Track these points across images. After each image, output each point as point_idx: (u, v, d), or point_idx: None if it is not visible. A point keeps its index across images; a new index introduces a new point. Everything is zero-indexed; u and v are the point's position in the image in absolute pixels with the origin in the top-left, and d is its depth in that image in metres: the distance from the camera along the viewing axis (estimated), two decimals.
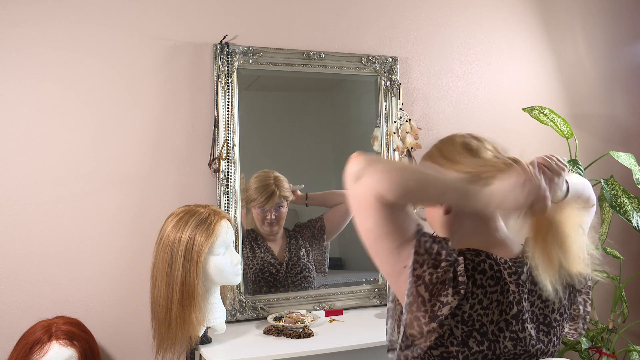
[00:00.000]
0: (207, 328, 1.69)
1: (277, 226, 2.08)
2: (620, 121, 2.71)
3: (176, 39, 1.96)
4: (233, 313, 1.92)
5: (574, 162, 2.20)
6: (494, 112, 2.42)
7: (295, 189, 2.10)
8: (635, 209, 2.18)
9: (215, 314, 1.67)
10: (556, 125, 2.25)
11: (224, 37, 1.98)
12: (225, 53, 1.97)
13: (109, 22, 1.88)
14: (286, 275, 2.07)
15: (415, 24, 2.32)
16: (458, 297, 0.93)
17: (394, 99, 2.20)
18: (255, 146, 2.05)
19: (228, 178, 1.94)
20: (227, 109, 1.96)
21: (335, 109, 2.31)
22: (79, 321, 1.70)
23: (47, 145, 1.80)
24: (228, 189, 1.94)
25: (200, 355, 1.66)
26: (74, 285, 1.81)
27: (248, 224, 2.05)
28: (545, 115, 2.24)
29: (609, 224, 2.29)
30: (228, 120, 1.95)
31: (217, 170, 1.93)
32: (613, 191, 2.21)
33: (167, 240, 1.58)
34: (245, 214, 2.01)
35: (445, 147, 1.12)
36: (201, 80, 1.98)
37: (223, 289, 1.80)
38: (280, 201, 2.05)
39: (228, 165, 1.94)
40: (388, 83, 2.20)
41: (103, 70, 1.87)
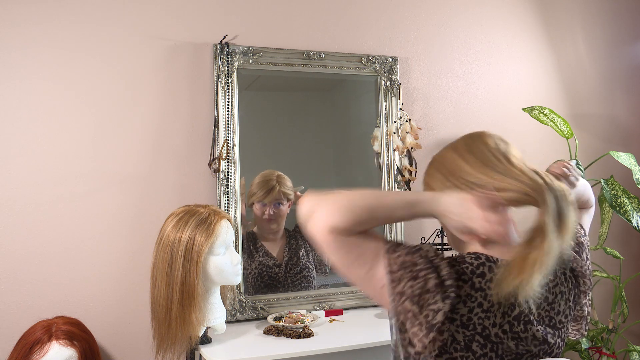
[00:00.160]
0: (207, 328, 1.69)
1: (276, 224, 2.08)
2: (620, 121, 2.71)
3: (176, 39, 1.96)
4: (233, 313, 1.92)
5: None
6: (494, 112, 2.42)
7: (295, 190, 2.10)
8: (635, 209, 2.18)
9: (215, 314, 1.67)
10: (556, 125, 2.25)
11: (224, 37, 1.98)
12: (225, 53, 1.97)
13: (109, 22, 1.88)
14: (285, 275, 2.07)
15: (415, 24, 2.32)
16: (449, 301, 0.92)
17: (394, 99, 2.20)
18: (255, 146, 2.05)
19: (228, 178, 1.94)
20: (227, 109, 1.96)
21: (335, 109, 2.31)
22: (79, 321, 1.70)
23: (47, 145, 1.80)
24: (228, 189, 1.94)
25: (200, 355, 1.66)
26: (74, 285, 1.81)
27: (249, 226, 2.05)
28: (545, 115, 2.24)
29: (609, 224, 2.29)
30: (228, 120, 1.95)
31: (217, 170, 1.93)
32: (613, 191, 2.21)
33: (167, 240, 1.58)
34: (245, 214, 2.01)
35: (475, 145, 1.09)
36: (201, 80, 1.98)
37: (223, 289, 1.80)
38: (280, 197, 2.05)
39: (228, 165, 1.94)
40: (388, 83, 2.20)
41: (103, 70, 1.87)
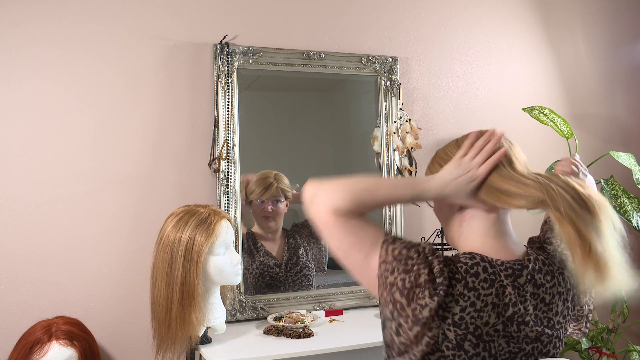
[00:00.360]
0: (207, 328, 1.69)
1: (274, 222, 2.08)
2: (620, 121, 2.71)
3: (176, 39, 1.96)
4: (233, 313, 1.92)
5: None
6: (494, 112, 2.42)
7: (292, 188, 2.11)
8: (635, 209, 2.17)
9: (215, 314, 1.67)
10: (556, 125, 2.24)
11: (224, 37, 1.98)
12: (225, 53, 1.97)
13: (109, 22, 1.88)
14: (286, 275, 2.07)
15: (415, 24, 2.32)
16: (437, 298, 0.93)
17: (394, 99, 2.20)
18: (255, 146, 2.05)
19: (228, 178, 1.94)
20: (227, 109, 1.96)
21: (335, 109, 2.31)
22: (79, 321, 1.70)
23: (47, 145, 1.80)
24: (228, 189, 1.94)
25: (200, 355, 1.66)
26: (74, 285, 1.81)
27: (248, 227, 2.05)
28: (545, 115, 2.24)
29: None
30: (228, 120, 1.95)
31: (217, 170, 1.93)
32: (613, 191, 2.21)
33: (167, 240, 1.58)
34: (245, 214, 2.01)
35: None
36: (201, 80, 1.98)
37: (223, 289, 1.80)
38: (278, 194, 2.06)
39: (228, 165, 1.94)
40: (388, 83, 2.20)
41: (103, 70, 1.87)
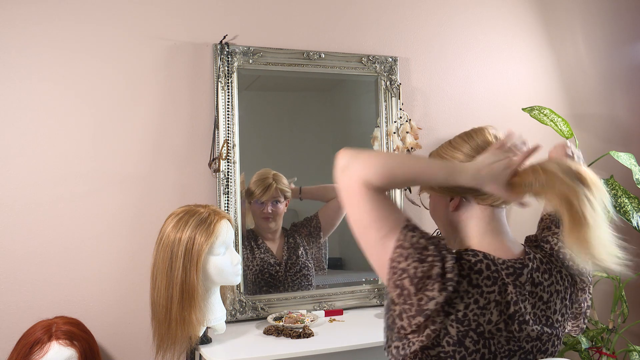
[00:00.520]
0: (207, 328, 1.69)
1: (274, 222, 2.08)
2: (620, 121, 2.71)
3: (176, 39, 1.96)
4: (233, 313, 1.92)
5: None
6: (494, 112, 2.42)
7: (290, 181, 2.11)
8: (635, 209, 2.18)
9: (215, 314, 1.67)
10: (556, 125, 2.24)
11: (224, 37, 1.98)
12: (225, 53, 1.97)
13: (109, 22, 1.88)
14: (285, 274, 2.07)
15: (415, 24, 2.31)
16: (445, 294, 0.93)
17: (394, 99, 2.20)
18: (255, 146, 2.05)
19: (228, 178, 1.94)
20: (227, 109, 1.96)
21: (335, 109, 2.31)
22: (79, 321, 1.70)
23: (47, 145, 1.80)
24: (228, 189, 1.94)
25: (200, 355, 1.66)
26: (74, 285, 1.81)
27: (248, 224, 2.05)
28: (545, 115, 2.24)
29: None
30: (228, 120, 1.95)
31: (217, 170, 1.93)
32: (613, 191, 2.21)
33: (167, 240, 1.58)
34: (245, 214, 2.01)
35: (470, 137, 1.14)
36: (201, 80, 1.98)
37: (223, 289, 1.80)
38: (277, 195, 2.06)
39: (228, 165, 1.94)
40: (388, 83, 2.20)
41: (103, 70, 1.87)
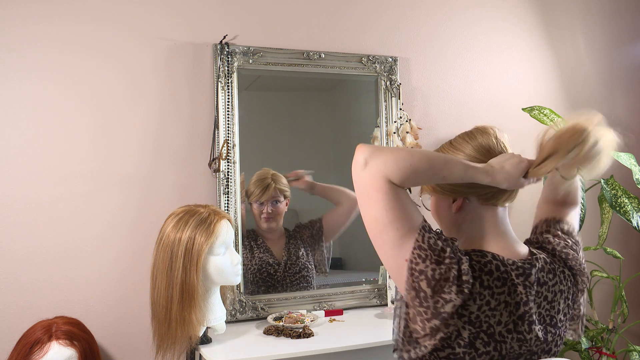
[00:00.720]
0: (207, 328, 1.69)
1: (275, 222, 2.08)
2: (620, 121, 2.70)
3: (176, 39, 1.96)
4: (233, 313, 1.92)
5: None
6: (494, 112, 2.42)
7: (305, 174, 2.10)
8: (635, 209, 2.17)
9: (215, 314, 1.67)
10: (556, 125, 2.24)
11: (224, 37, 1.98)
12: (225, 53, 1.97)
13: (109, 22, 1.88)
14: (284, 275, 2.07)
15: (415, 24, 2.31)
16: (462, 296, 0.92)
17: (394, 99, 2.20)
18: (255, 146, 2.05)
19: (228, 178, 1.94)
20: (227, 109, 1.96)
21: (335, 109, 2.31)
22: (79, 321, 1.70)
23: (47, 145, 1.80)
24: (228, 189, 1.94)
25: (200, 355, 1.66)
26: (74, 285, 1.81)
27: (248, 224, 2.05)
28: (545, 115, 2.24)
29: (609, 224, 2.29)
30: (228, 120, 1.95)
31: (217, 170, 1.93)
32: (613, 191, 2.21)
33: (167, 240, 1.58)
34: (245, 213, 2.01)
35: (470, 137, 1.16)
36: (201, 80, 1.98)
37: (223, 289, 1.80)
38: (277, 195, 2.06)
39: (228, 165, 1.94)
40: (388, 83, 2.20)
41: (103, 70, 1.87)
